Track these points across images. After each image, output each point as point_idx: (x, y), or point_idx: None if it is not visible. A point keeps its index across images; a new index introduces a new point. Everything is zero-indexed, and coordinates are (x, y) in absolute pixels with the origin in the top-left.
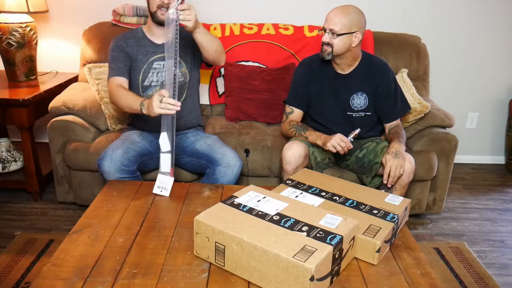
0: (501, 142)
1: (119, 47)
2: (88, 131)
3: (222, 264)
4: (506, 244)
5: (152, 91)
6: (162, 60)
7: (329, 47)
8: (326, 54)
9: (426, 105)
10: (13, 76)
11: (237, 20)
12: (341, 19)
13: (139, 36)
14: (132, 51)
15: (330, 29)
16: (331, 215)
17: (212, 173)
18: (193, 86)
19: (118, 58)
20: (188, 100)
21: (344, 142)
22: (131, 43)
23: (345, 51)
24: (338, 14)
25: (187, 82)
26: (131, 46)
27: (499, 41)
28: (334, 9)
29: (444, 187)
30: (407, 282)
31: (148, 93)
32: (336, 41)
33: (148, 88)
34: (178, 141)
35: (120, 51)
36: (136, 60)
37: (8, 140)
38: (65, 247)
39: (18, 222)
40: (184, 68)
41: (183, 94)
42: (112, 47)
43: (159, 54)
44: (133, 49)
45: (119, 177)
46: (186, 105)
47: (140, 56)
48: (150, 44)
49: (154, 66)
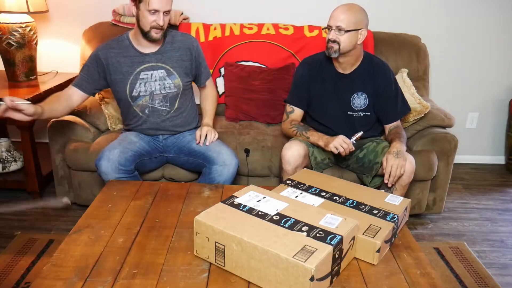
0: (501, 142)
1: (96, 58)
2: (88, 131)
3: (222, 264)
4: (506, 244)
5: (141, 101)
6: (149, 69)
7: (335, 44)
8: (333, 52)
9: (426, 105)
10: (13, 76)
11: (237, 20)
12: (348, 16)
13: (125, 44)
14: (112, 63)
15: (337, 26)
16: (331, 215)
17: (209, 172)
18: (186, 94)
19: (87, 70)
20: (181, 109)
21: (346, 143)
22: (113, 54)
23: (351, 48)
24: (344, 11)
25: (179, 93)
26: (112, 57)
27: (499, 41)
28: (339, 7)
29: (444, 187)
30: (407, 282)
31: (138, 103)
32: (343, 38)
33: (137, 98)
34: (175, 140)
35: (93, 64)
36: (120, 71)
37: (8, 140)
38: (65, 247)
39: (18, 222)
40: (177, 80)
41: (175, 104)
42: (90, 57)
43: (146, 64)
44: (115, 60)
45: (117, 177)
46: (180, 112)
47: (125, 67)
48: (137, 54)
49: (141, 77)
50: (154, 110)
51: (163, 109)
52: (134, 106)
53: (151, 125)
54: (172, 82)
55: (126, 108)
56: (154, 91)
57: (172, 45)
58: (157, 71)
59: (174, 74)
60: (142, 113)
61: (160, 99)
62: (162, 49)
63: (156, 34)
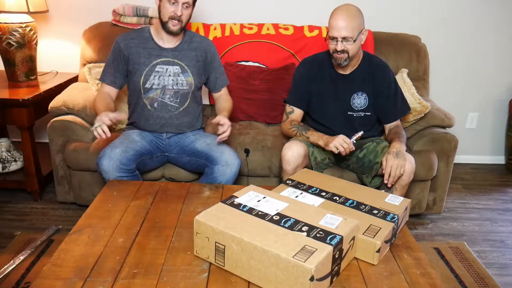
0: (501, 142)
1: (118, 50)
2: (88, 131)
3: (222, 264)
4: (506, 244)
5: (153, 93)
6: (165, 64)
7: (345, 54)
8: (343, 61)
9: (426, 105)
10: (13, 76)
11: (237, 20)
12: (351, 23)
13: (145, 36)
14: (131, 53)
15: (343, 37)
16: (331, 215)
17: (211, 172)
18: (197, 95)
19: (113, 64)
20: (190, 108)
21: (347, 143)
22: (133, 44)
23: (358, 50)
24: (345, 20)
25: (190, 92)
26: (132, 48)
27: (499, 41)
28: (338, 15)
29: (444, 187)
30: (407, 282)
31: (149, 95)
32: (351, 46)
33: (149, 90)
34: (178, 140)
35: (118, 55)
36: (137, 62)
37: (8, 140)
38: (65, 247)
39: (18, 222)
40: (190, 78)
41: (185, 102)
42: (113, 48)
43: (163, 58)
44: (134, 50)
45: (117, 176)
46: (188, 111)
47: (142, 59)
48: (156, 47)
49: (156, 69)
50: (163, 104)
51: (173, 104)
52: (145, 98)
53: (158, 120)
54: (185, 80)
55: (136, 99)
56: (166, 86)
57: (189, 45)
58: (172, 67)
59: (188, 72)
60: (151, 106)
61: (171, 94)
62: (180, 47)
63: (174, 26)
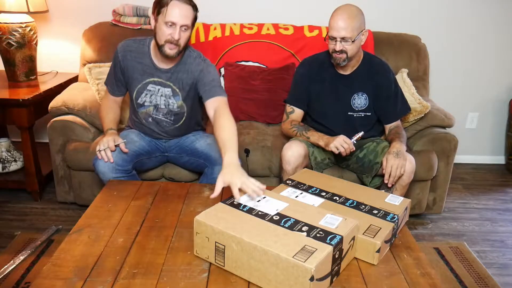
0: (501, 142)
1: (117, 59)
2: (88, 131)
3: (222, 264)
4: (506, 244)
5: (146, 109)
6: (157, 84)
7: (343, 54)
8: (342, 61)
9: (426, 105)
10: (13, 76)
11: (237, 20)
12: (351, 24)
13: (144, 50)
14: (127, 66)
15: (342, 37)
16: (331, 215)
17: (211, 172)
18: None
19: (114, 72)
20: (187, 121)
21: (347, 143)
22: (130, 57)
23: (358, 51)
24: (345, 20)
25: (184, 112)
26: (129, 61)
27: (499, 41)
28: (338, 16)
29: (444, 187)
30: (407, 282)
31: (142, 111)
32: (350, 47)
33: (141, 106)
34: (178, 141)
35: (117, 64)
36: (131, 77)
37: (8, 140)
38: (65, 247)
39: (18, 222)
40: (180, 102)
41: (181, 120)
42: (114, 56)
43: (156, 78)
44: (130, 64)
45: (114, 177)
46: (186, 124)
47: (136, 74)
48: (151, 64)
49: (148, 88)
50: (158, 120)
51: (167, 120)
52: (139, 112)
53: (154, 132)
54: (176, 103)
55: (133, 108)
56: (159, 105)
57: (185, 67)
58: (164, 88)
59: (179, 95)
60: (145, 120)
61: (164, 113)
62: (174, 69)
63: (171, 50)
